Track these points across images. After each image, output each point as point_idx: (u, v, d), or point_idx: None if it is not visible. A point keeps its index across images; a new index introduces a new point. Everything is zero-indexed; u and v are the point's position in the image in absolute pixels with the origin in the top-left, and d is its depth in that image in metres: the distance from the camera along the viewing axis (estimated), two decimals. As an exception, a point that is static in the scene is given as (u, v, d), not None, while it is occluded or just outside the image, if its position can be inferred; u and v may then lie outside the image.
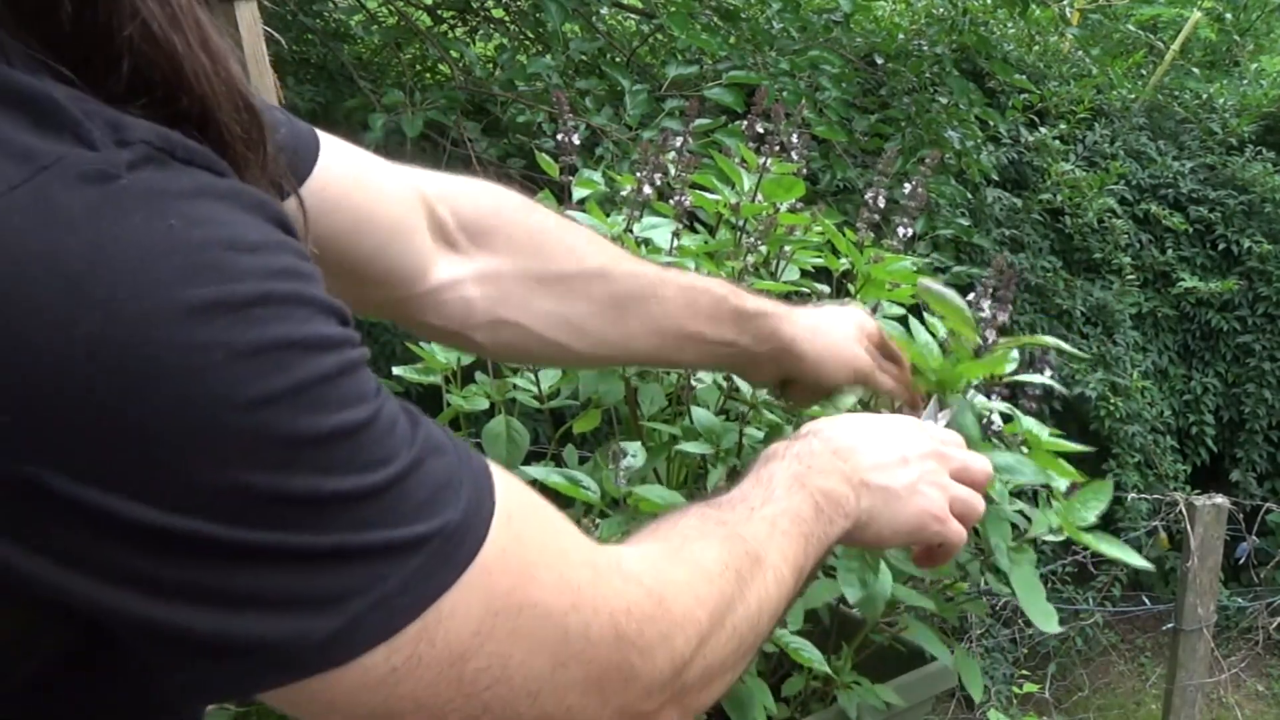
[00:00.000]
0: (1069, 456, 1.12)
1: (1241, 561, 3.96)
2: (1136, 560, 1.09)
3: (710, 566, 0.63)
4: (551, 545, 0.54)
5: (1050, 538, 1.11)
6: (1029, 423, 1.14)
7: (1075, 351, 1.10)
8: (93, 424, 0.40)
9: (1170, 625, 2.88)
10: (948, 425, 0.99)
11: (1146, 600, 3.81)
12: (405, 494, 0.47)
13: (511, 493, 0.53)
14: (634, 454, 1.14)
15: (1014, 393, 1.20)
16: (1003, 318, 1.08)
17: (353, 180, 0.81)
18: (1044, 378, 1.12)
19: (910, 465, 0.80)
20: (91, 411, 0.40)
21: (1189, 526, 2.75)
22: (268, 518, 0.43)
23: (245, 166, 0.49)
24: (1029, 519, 1.14)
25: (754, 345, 0.97)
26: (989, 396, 1.16)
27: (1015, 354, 1.16)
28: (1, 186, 0.40)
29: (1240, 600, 4.14)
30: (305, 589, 0.44)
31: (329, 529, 0.44)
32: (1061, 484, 1.12)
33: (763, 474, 0.74)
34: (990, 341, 1.06)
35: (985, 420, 1.13)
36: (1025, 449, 1.12)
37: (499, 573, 0.50)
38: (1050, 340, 1.10)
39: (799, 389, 1.05)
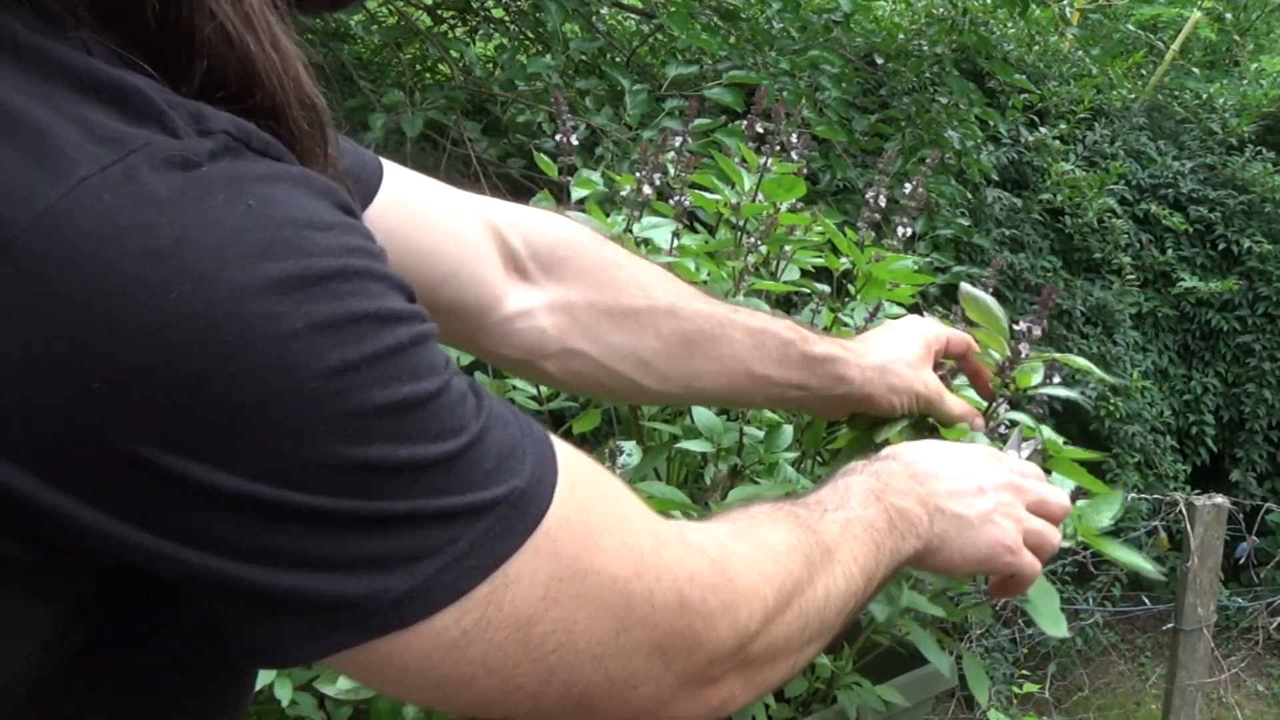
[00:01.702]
0: (1085, 466, 1.12)
1: (1241, 561, 3.96)
2: (1147, 566, 1.09)
3: (778, 547, 0.64)
4: (615, 513, 0.55)
5: (1064, 543, 1.11)
6: (1048, 433, 1.14)
7: (1106, 376, 1.10)
8: (181, 394, 0.42)
9: (1170, 625, 2.88)
10: (1029, 458, 0.98)
11: (1146, 600, 3.81)
12: (474, 462, 0.49)
13: (574, 463, 0.54)
14: (629, 453, 1.14)
15: (1020, 400, 1.20)
16: (1038, 332, 1.08)
17: (416, 209, 0.82)
18: (1071, 392, 1.12)
19: (986, 496, 0.81)
20: (180, 382, 0.42)
21: (1189, 526, 2.75)
22: (345, 484, 0.45)
23: (311, 160, 0.51)
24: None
25: (821, 389, 0.97)
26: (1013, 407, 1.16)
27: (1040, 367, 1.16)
28: (93, 166, 0.41)
29: (1240, 600, 4.14)
30: (380, 551, 0.46)
31: (403, 495, 0.46)
32: (1064, 487, 1.12)
33: (839, 484, 0.75)
34: (1025, 355, 1.05)
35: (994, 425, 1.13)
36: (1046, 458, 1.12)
37: (564, 538, 0.51)
38: (1081, 362, 1.09)
39: (867, 417, 1.05)
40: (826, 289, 1.39)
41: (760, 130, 1.42)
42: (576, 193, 1.40)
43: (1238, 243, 4.55)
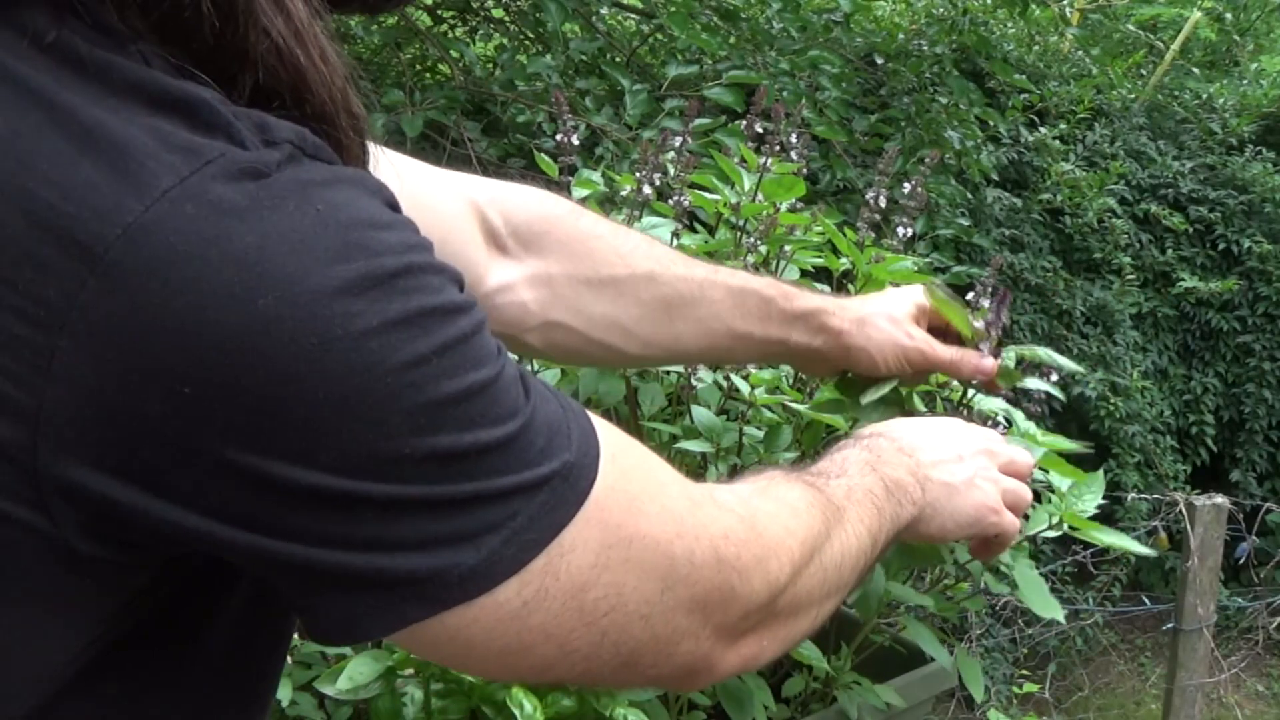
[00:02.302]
0: (1069, 457, 1.12)
1: (1241, 561, 3.96)
2: (1135, 546, 1.10)
3: (798, 504, 0.68)
4: (653, 479, 0.58)
5: (1049, 534, 1.12)
6: (1027, 426, 1.14)
7: (1074, 367, 1.10)
8: (267, 397, 0.44)
9: (1170, 625, 2.88)
10: None
11: (1146, 600, 3.81)
12: (530, 440, 0.51)
13: (611, 435, 0.57)
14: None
15: (1017, 398, 1.20)
16: (1005, 319, 1.08)
17: (398, 189, 0.83)
18: (1047, 385, 1.12)
19: (966, 461, 0.85)
20: (266, 385, 0.44)
21: (1189, 526, 2.75)
22: (417, 473, 0.47)
23: (356, 166, 0.53)
24: (1027, 516, 1.14)
25: (805, 341, 0.99)
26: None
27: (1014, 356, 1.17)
28: (173, 178, 0.43)
29: (1240, 600, 4.14)
30: (447, 531, 0.49)
31: (469, 478, 0.49)
32: (1063, 486, 1.13)
33: (835, 457, 0.79)
34: (988, 347, 1.06)
35: (989, 422, 1.14)
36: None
37: (610, 507, 0.54)
38: (1046, 353, 1.11)
39: (857, 382, 1.06)
40: (826, 289, 1.39)
41: (760, 130, 1.42)
42: (577, 193, 1.40)
43: (1238, 243, 4.55)
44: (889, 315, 1.02)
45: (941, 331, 1.05)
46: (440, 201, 0.87)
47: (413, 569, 0.48)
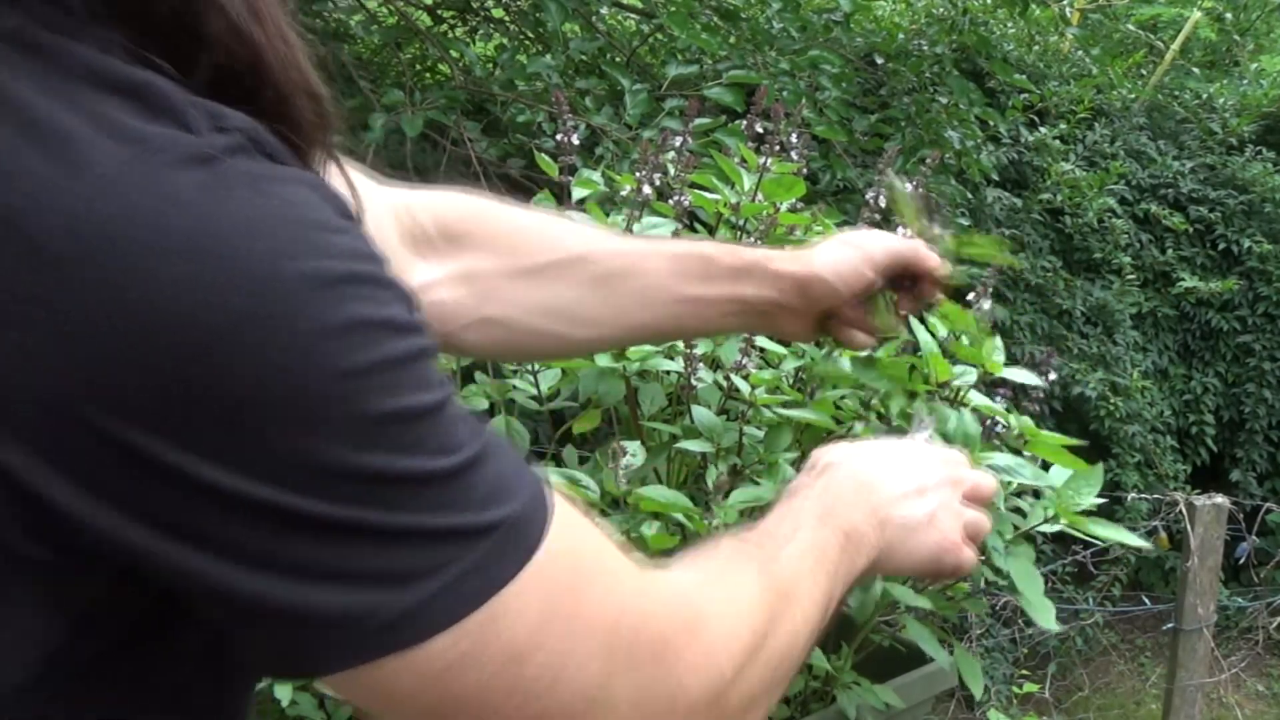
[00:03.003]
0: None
1: (1241, 561, 3.96)
2: (1131, 539, 1.10)
3: (747, 596, 0.64)
4: (601, 560, 0.55)
5: (1046, 528, 1.12)
6: (1023, 420, 1.15)
7: (1011, 259, 1.12)
8: (193, 390, 0.43)
9: (1170, 625, 2.88)
10: (930, 436, 0.99)
11: (1146, 600, 3.81)
12: (472, 482, 0.49)
13: (564, 504, 0.54)
14: (634, 453, 1.14)
15: (1016, 396, 1.20)
16: (987, 305, 1.09)
17: None
18: (1030, 376, 1.12)
19: (928, 495, 0.81)
20: (194, 377, 0.42)
21: (1189, 526, 2.75)
22: (346, 492, 0.45)
23: (315, 149, 0.53)
24: (1024, 514, 1.15)
25: (763, 293, 0.96)
26: (992, 398, 1.16)
27: (1000, 345, 1.17)
28: (115, 165, 0.43)
29: (1240, 600, 4.14)
30: (376, 565, 0.46)
31: (401, 508, 0.46)
32: (1059, 483, 1.13)
33: (790, 507, 0.75)
34: (941, 234, 1.06)
35: (990, 421, 1.14)
36: (1023, 442, 1.13)
37: (555, 576, 0.51)
38: (1001, 255, 1.11)
39: (840, 325, 1.02)
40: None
41: (760, 130, 1.42)
42: (577, 193, 1.40)
43: (1238, 243, 4.55)
44: (841, 240, 1.01)
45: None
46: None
47: (340, 604, 0.45)
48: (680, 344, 1.22)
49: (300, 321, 0.43)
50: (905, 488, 0.80)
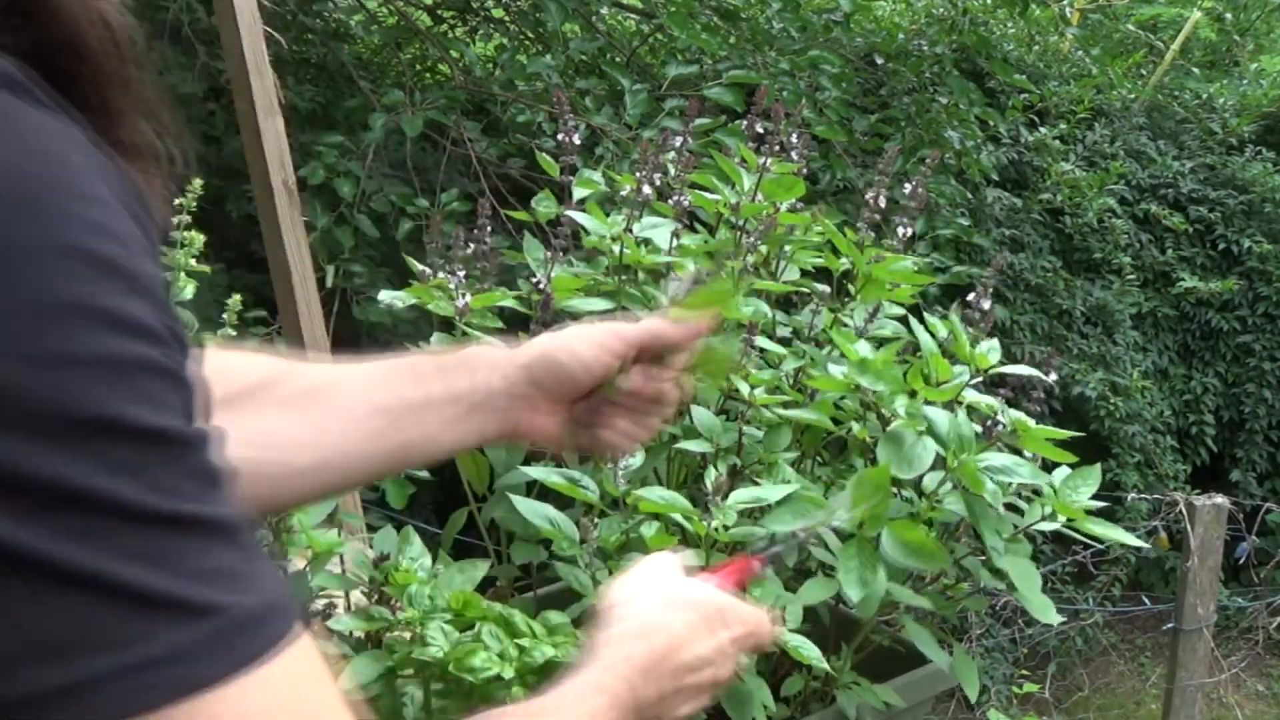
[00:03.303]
0: (1066, 446, 1.13)
1: (1241, 561, 3.96)
2: (1129, 539, 1.10)
3: None
4: (331, 708, 0.46)
5: (1045, 526, 1.12)
6: (1015, 415, 1.15)
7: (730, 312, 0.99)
8: None
9: (1170, 625, 2.87)
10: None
11: (1146, 600, 3.81)
12: (191, 547, 0.40)
13: (313, 647, 0.46)
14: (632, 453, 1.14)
15: (1016, 394, 1.20)
16: (986, 304, 1.09)
17: None
18: (1034, 371, 1.13)
19: (705, 670, 0.76)
20: None
21: (1189, 526, 2.75)
22: (33, 506, 0.37)
23: (111, 84, 0.46)
24: (1021, 513, 1.15)
25: (485, 383, 0.84)
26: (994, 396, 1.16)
27: (997, 345, 1.17)
28: None
29: (1240, 600, 4.14)
30: (44, 618, 0.37)
31: (92, 541, 0.37)
32: (1057, 480, 1.13)
33: (574, 685, 0.69)
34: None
35: (989, 421, 1.14)
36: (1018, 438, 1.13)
37: (277, 698, 0.42)
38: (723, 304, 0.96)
39: (605, 419, 0.89)
40: (826, 289, 1.39)
41: (760, 130, 1.42)
42: (577, 193, 1.40)
43: (1238, 243, 4.55)
44: (583, 328, 0.89)
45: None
46: None
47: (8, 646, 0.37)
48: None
49: (5, 289, 0.37)
50: (700, 653, 0.75)
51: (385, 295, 1.30)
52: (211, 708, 0.39)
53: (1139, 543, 1.16)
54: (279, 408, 0.79)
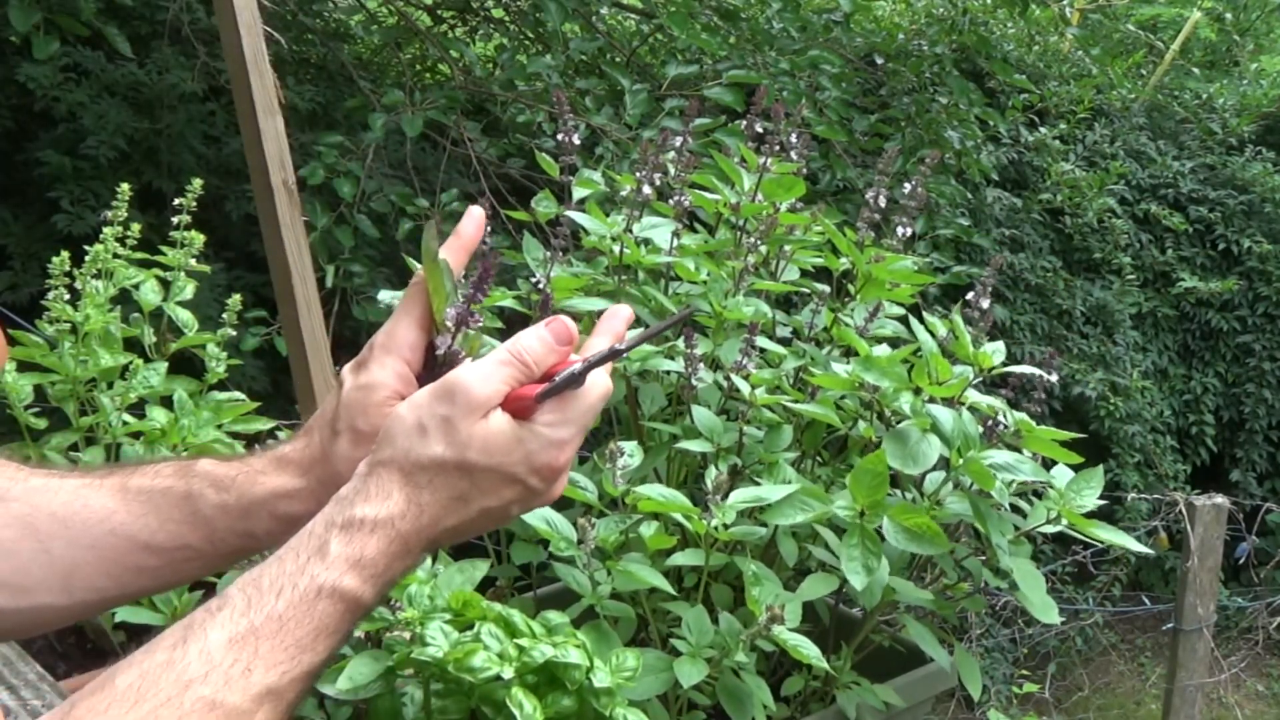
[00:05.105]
0: (1067, 447, 1.13)
1: (1241, 561, 3.96)
2: (1132, 544, 1.10)
3: None
4: None
5: (1047, 528, 1.12)
6: (1019, 416, 1.15)
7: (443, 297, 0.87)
8: None
9: (1170, 625, 2.88)
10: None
11: (1146, 600, 3.81)
12: None
13: None
14: (630, 453, 1.14)
15: (1017, 394, 1.20)
16: (985, 304, 1.09)
17: None
18: (1037, 370, 1.13)
19: (496, 508, 0.70)
20: None
21: (1189, 526, 2.75)
22: None
23: None
24: (1024, 514, 1.15)
25: (291, 455, 0.79)
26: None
27: (1002, 347, 1.17)
28: None
29: (1240, 600, 4.14)
30: None
31: None
32: (1060, 483, 1.13)
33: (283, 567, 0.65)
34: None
35: (991, 421, 1.14)
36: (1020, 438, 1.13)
37: None
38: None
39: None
40: (826, 289, 1.39)
41: (760, 130, 1.42)
42: (577, 192, 1.40)
43: (1238, 243, 4.55)
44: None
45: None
46: None
47: None
48: (681, 343, 1.22)
49: None
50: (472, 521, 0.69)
51: (385, 295, 1.30)
52: None
53: (1142, 548, 1.16)
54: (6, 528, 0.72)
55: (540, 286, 1.25)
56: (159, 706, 0.57)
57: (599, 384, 0.73)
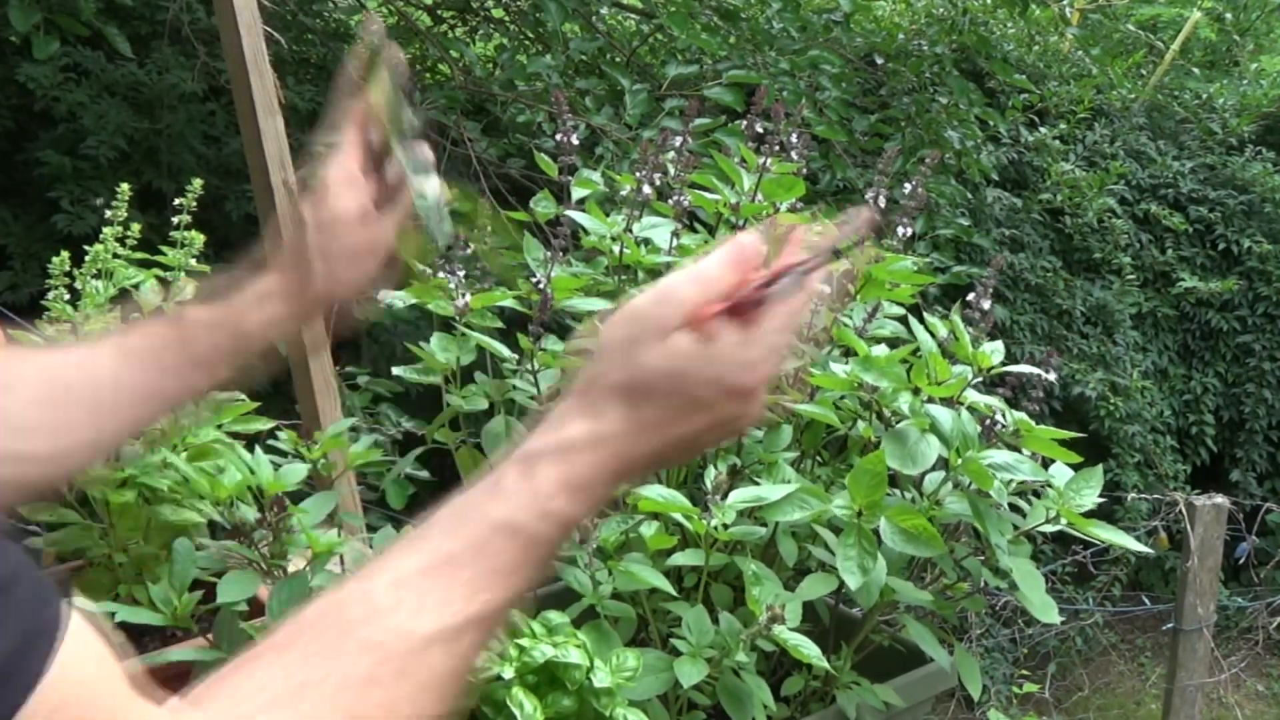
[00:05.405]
0: (1068, 446, 1.13)
1: (1241, 561, 3.96)
2: (1131, 543, 1.10)
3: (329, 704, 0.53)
4: (115, 705, 0.47)
5: (1047, 528, 1.12)
6: (1018, 415, 1.15)
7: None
8: None
9: (1170, 625, 2.87)
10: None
11: (1146, 600, 3.81)
12: None
13: (85, 636, 0.46)
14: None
15: (1016, 394, 1.20)
16: (986, 304, 1.09)
17: None
18: (1035, 369, 1.13)
19: (707, 425, 0.66)
20: None
21: (1189, 526, 2.75)
22: None
23: None
24: (1024, 514, 1.15)
25: (242, 309, 0.90)
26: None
27: (1001, 347, 1.17)
28: None
29: (1240, 600, 4.14)
30: None
31: None
32: (1059, 482, 1.13)
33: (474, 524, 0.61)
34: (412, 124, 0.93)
35: (989, 420, 1.14)
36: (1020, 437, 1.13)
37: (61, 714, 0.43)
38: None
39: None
40: (826, 289, 1.39)
41: (760, 130, 1.42)
42: (577, 192, 1.40)
43: (1238, 243, 4.55)
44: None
45: None
46: None
47: None
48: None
49: None
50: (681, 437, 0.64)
51: (385, 295, 1.30)
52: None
53: (1142, 547, 1.16)
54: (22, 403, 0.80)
55: (540, 286, 1.25)
56: (318, 647, 0.55)
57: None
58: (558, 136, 1.42)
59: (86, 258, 1.33)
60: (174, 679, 1.02)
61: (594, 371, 0.65)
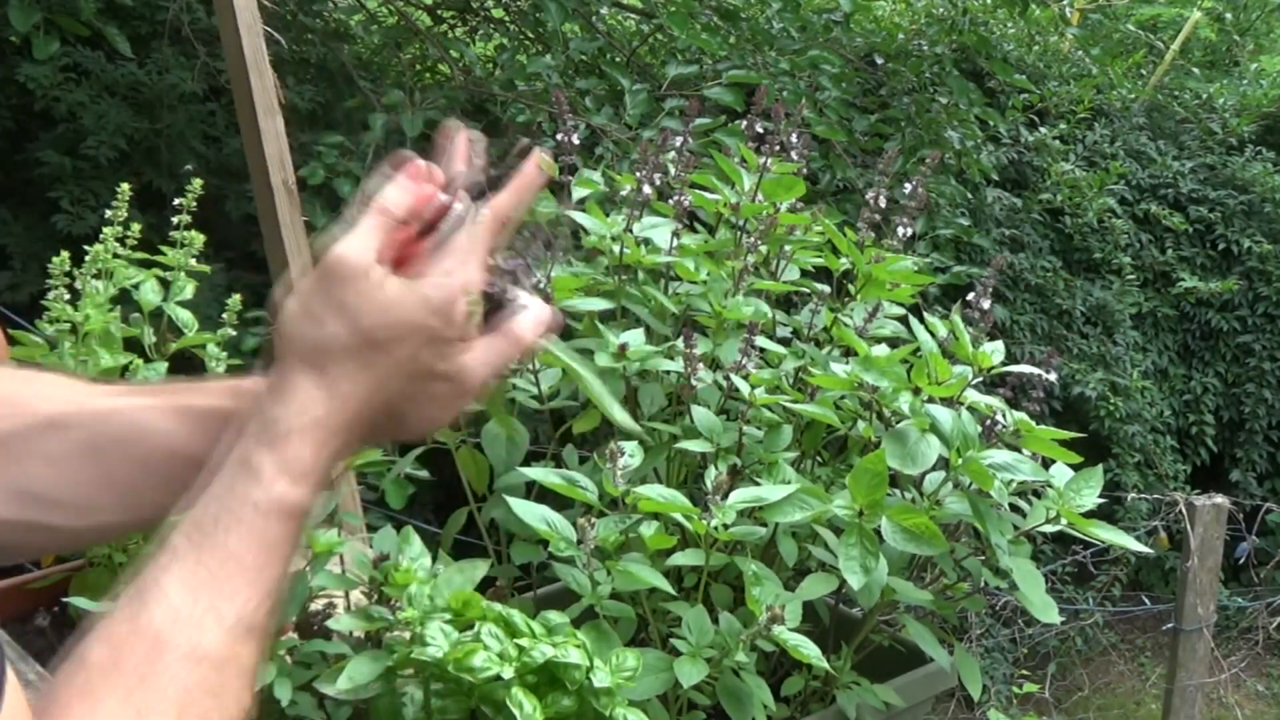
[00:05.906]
0: (1067, 446, 1.13)
1: (1241, 561, 3.96)
2: (1131, 543, 1.10)
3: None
4: None
5: (1047, 528, 1.12)
6: (1018, 415, 1.15)
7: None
8: None
9: (1170, 625, 2.88)
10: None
11: (1146, 600, 3.81)
12: None
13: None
14: (631, 453, 1.14)
15: (1016, 394, 1.20)
16: (986, 304, 1.09)
17: None
18: (1035, 369, 1.13)
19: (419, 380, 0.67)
20: None
21: (1189, 526, 2.75)
22: None
23: None
24: (1024, 514, 1.15)
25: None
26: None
27: (1001, 347, 1.17)
28: None
29: (1240, 600, 4.14)
30: None
31: None
32: (1059, 482, 1.13)
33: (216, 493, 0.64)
34: None
35: (989, 421, 1.14)
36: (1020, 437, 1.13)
37: None
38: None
39: None
40: (826, 289, 1.39)
41: (760, 130, 1.42)
42: (577, 193, 1.40)
43: (1238, 243, 4.55)
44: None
45: None
46: None
47: None
48: (680, 344, 1.22)
49: None
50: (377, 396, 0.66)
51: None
52: None
53: (1142, 547, 1.16)
54: (60, 465, 0.72)
55: (540, 286, 1.24)
56: (141, 669, 0.57)
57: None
58: (558, 136, 1.42)
59: (86, 258, 1.33)
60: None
61: (294, 347, 0.66)
